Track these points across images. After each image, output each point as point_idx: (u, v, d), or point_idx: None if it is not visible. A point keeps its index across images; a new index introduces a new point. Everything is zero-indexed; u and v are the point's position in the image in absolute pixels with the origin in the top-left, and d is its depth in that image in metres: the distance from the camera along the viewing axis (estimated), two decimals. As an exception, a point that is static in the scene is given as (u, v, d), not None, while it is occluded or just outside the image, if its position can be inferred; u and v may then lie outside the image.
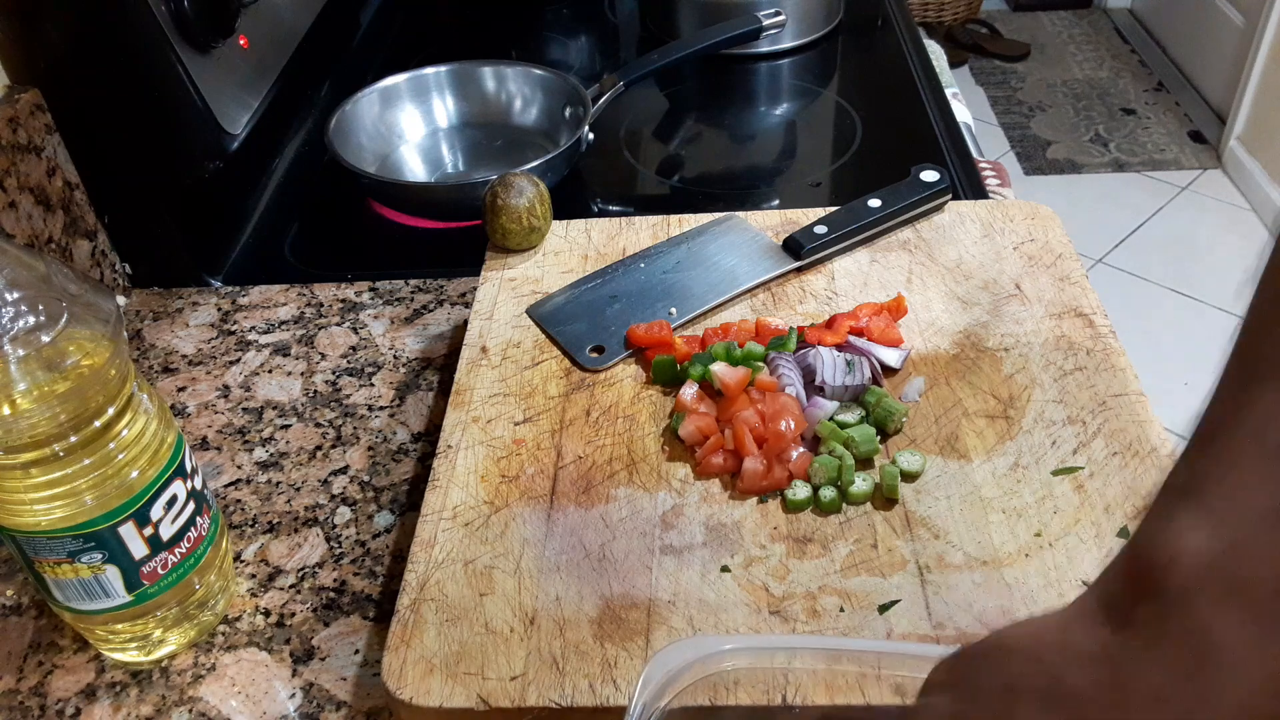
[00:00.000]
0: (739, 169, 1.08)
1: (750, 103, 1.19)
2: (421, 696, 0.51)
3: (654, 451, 0.64)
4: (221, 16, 0.90)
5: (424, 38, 1.32)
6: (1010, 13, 3.64)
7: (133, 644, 0.59)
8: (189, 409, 0.76)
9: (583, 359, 0.71)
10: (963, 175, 0.98)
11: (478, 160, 1.09)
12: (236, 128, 0.94)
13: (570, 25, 1.36)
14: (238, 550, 0.66)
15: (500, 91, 1.10)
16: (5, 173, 0.75)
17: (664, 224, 0.82)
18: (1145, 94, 3.15)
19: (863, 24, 1.30)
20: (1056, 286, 0.74)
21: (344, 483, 0.70)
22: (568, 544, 0.59)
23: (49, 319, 0.48)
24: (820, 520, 0.59)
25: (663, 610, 0.55)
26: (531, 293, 0.77)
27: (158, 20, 0.82)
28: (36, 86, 0.80)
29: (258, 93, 0.98)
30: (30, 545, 0.53)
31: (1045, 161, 2.89)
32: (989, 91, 3.22)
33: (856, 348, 0.68)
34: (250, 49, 0.97)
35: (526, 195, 0.78)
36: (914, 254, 0.78)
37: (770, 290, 0.76)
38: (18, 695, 0.59)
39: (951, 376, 0.67)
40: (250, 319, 0.84)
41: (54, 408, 0.49)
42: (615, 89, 1.03)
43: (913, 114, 1.10)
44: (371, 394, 0.76)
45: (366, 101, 1.05)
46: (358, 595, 0.63)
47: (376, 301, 0.85)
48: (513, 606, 0.56)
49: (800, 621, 0.54)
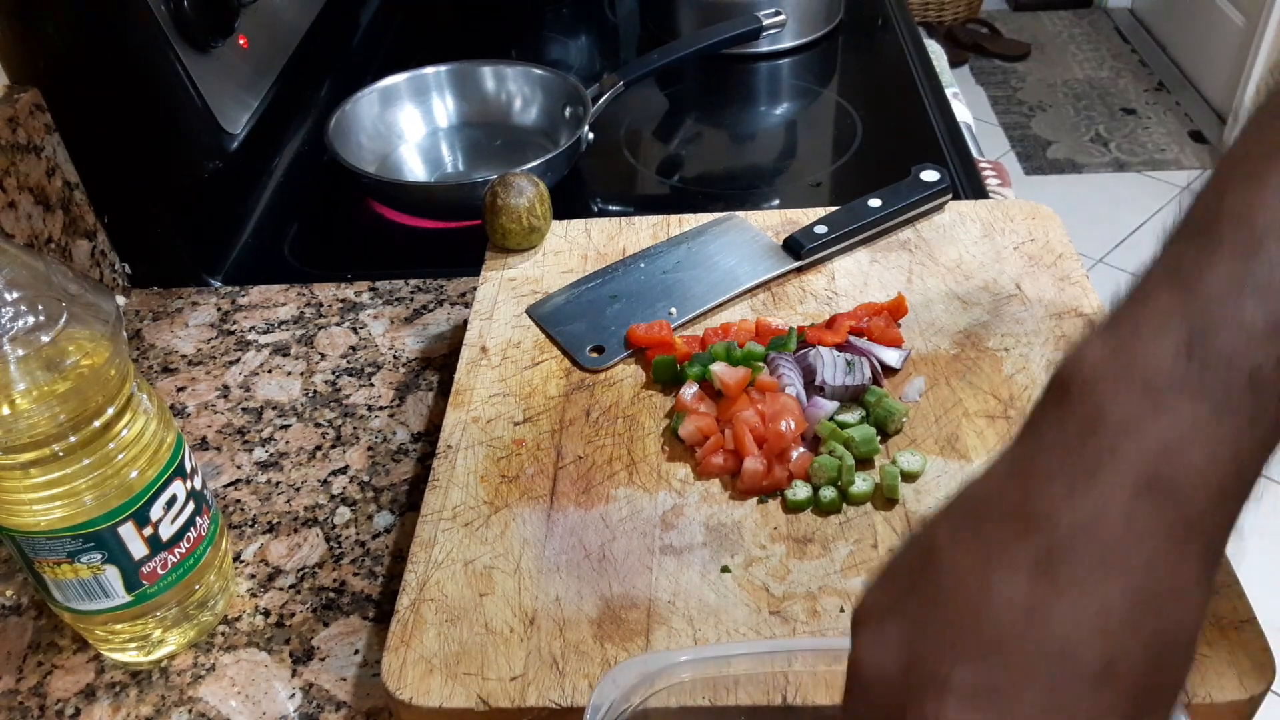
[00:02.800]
0: (739, 169, 1.08)
1: (750, 103, 1.19)
2: (421, 697, 0.51)
3: (654, 451, 0.64)
4: (221, 16, 0.90)
5: (424, 38, 1.32)
6: (1010, 13, 3.64)
7: (132, 644, 0.59)
8: (189, 409, 0.76)
9: (583, 359, 0.70)
10: (963, 175, 0.98)
11: (478, 160, 1.09)
12: (236, 128, 0.93)
13: (570, 25, 1.36)
14: (237, 550, 0.66)
15: (500, 91, 1.10)
16: (5, 173, 0.75)
17: (664, 224, 0.82)
18: (1145, 94, 3.15)
19: (863, 24, 1.29)
20: (1057, 286, 0.73)
21: (344, 483, 0.70)
22: (568, 544, 0.59)
23: (49, 319, 0.48)
24: (820, 520, 0.59)
25: (663, 610, 0.55)
26: (531, 293, 0.77)
27: (158, 20, 0.82)
28: (36, 86, 0.80)
29: (258, 93, 0.98)
30: (30, 545, 0.53)
31: (1045, 161, 2.89)
32: (989, 91, 3.22)
33: (856, 348, 0.68)
34: (250, 49, 0.97)
35: (526, 195, 0.78)
36: (914, 254, 0.78)
37: (770, 290, 0.76)
38: (17, 695, 0.59)
39: (951, 376, 0.67)
40: (250, 319, 0.84)
41: (54, 408, 0.49)
42: (615, 89, 1.03)
43: (913, 114, 1.10)
44: (371, 394, 0.76)
45: (366, 101, 1.05)
46: (357, 595, 0.63)
47: (376, 301, 0.85)
48: (513, 607, 0.55)
49: (800, 622, 0.54)
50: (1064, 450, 0.33)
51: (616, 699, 0.45)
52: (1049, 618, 0.31)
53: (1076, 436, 0.33)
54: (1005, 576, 0.32)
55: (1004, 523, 0.33)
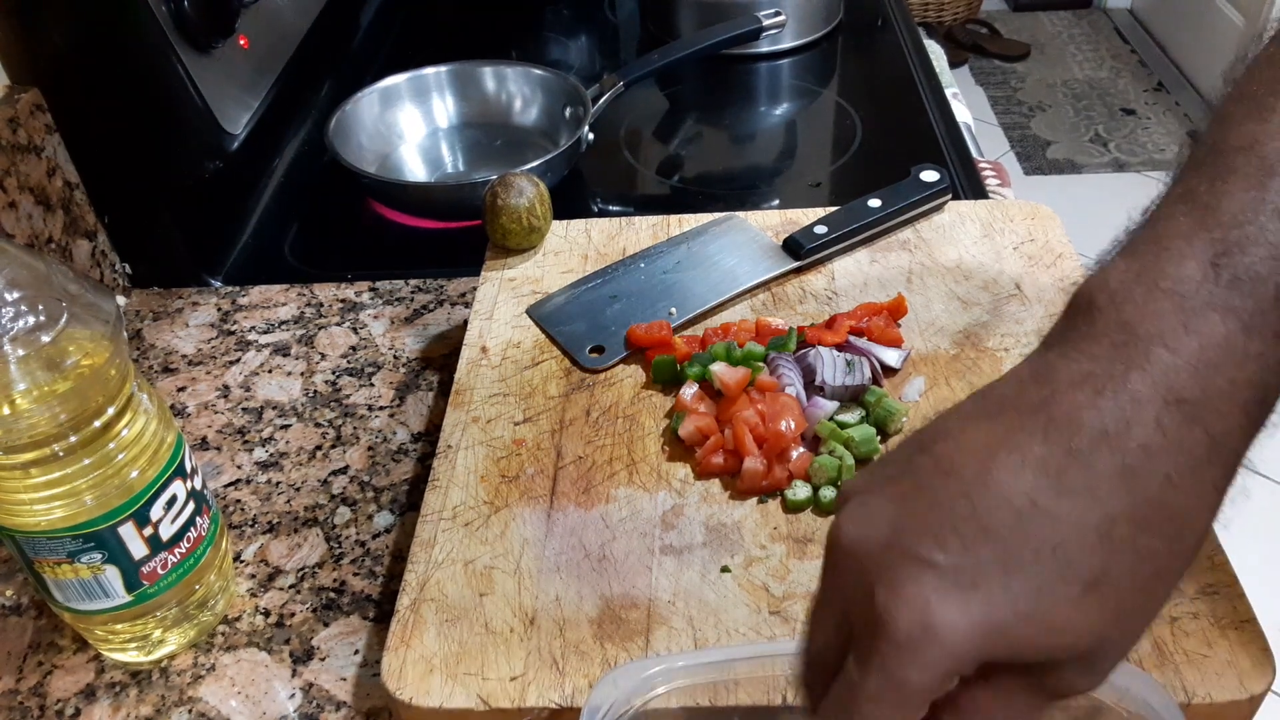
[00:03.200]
0: (739, 169, 1.08)
1: (750, 103, 1.19)
2: (421, 697, 0.51)
3: (654, 451, 0.64)
4: (221, 16, 0.90)
5: (424, 38, 1.32)
6: (1010, 13, 3.64)
7: (132, 644, 0.59)
8: (189, 409, 0.76)
9: (583, 359, 0.70)
10: (963, 175, 0.98)
11: (478, 160, 1.09)
12: (236, 128, 0.93)
13: (570, 25, 1.36)
14: (237, 550, 0.66)
15: (500, 91, 1.10)
16: (5, 173, 0.75)
17: (664, 224, 0.82)
18: (1145, 94, 3.15)
19: (863, 24, 1.30)
20: (1056, 287, 0.73)
21: (344, 483, 0.70)
22: (568, 544, 0.59)
23: (49, 319, 0.48)
24: (820, 520, 0.59)
25: (663, 610, 0.55)
26: (531, 293, 0.77)
27: (158, 20, 0.82)
28: (36, 86, 0.80)
29: (258, 93, 0.98)
30: (30, 545, 0.53)
31: (1045, 161, 2.89)
32: (989, 91, 3.22)
33: (856, 348, 0.68)
34: (250, 49, 0.97)
35: (526, 195, 0.78)
36: (914, 254, 0.78)
37: (770, 290, 0.76)
38: (17, 695, 0.59)
39: (951, 376, 0.67)
40: (250, 319, 0.84)
41: (54, 408, 0.49)
42: (615, 89, 1.03)
43: (913, 114, 1.10)
44: (371, 394, 0.76)
45: (366, 101, 1.05)
46: (357, 595, 0.63)
47: (376, 301, 0.85)
48: (513, 606, 0.55)
49: (800, 622, 0.54)
50: (1091, 359, 0.32)
51: (617, 699, 0.45)
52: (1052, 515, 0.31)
53: (1106, 347, 0.32)
54: (1011, 468, 0.31)
55: (1020, 418, 0.32)
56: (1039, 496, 0.31)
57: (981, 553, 0.31)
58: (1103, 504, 0.31)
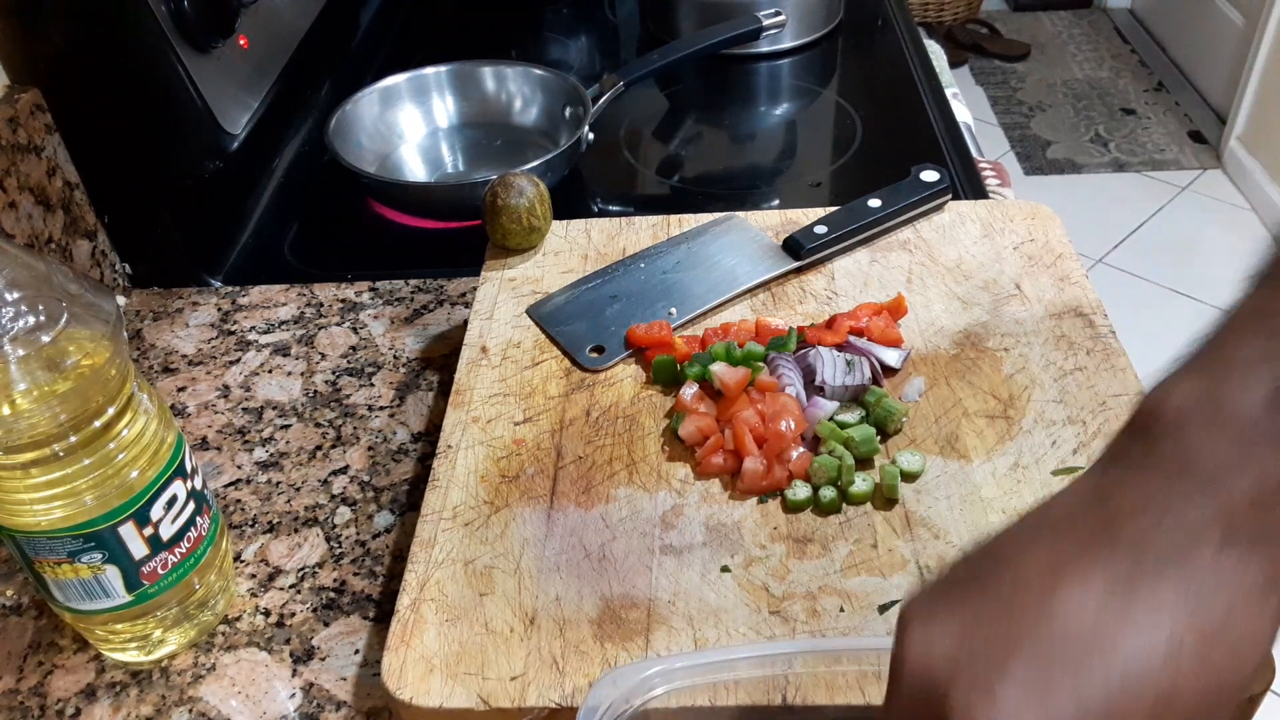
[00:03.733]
0: (739, 169, 1.08)
1: (750, 103, 1.19)
2: (421, 696, 0.51)
3: (654, 451, 0.64)
4: (221, 16, 0.90)
5: (424, 38, 1.32)
6: (1010, 13, 3.64)
7: (133, 644, 0.59)
8: (189, 409, 0.76)
9: (583, 359, 0.71)
10: (963, 175, 0.98)
11: (478, 160, 1.09)
12: (236, 128, 0.94)
13: (570, 25, 1.36)
14: (238, 550, 0.66)
15: (500, 91, 1.10)
16: (5, 173, 0.75)
17: (664, 224, 0.82)
18: (1145, 94, 3.15)
19: (863, 24, 1.30)
20: (1056, 286, 0.73)
21: (344, 483, 0.70)
22: (568, 544, 0.59)
23: (49, 319, 0.48)
24: (820, 520, 0.59)
25: (663, 610, 0.55)
26: (531, 293, 0.77)
27: (158, 20, 0.82)
28: (36, 86, 0.80)
29: (258, 93, 0.98)
30: (30, 545, 0.53)
31: (1045, 161, 2.89)
32: (989, 91, 3.22)
33: (856, 348, 0.68)
34: (250, 49, 0.97)
35: (526, 195, 0.78)
36: (914, 254, 0.78)
37: (770, 290, 0.76)
38: (18, 695, 0.59)
39: (951, 376, 0.67)
40: (250, 319, 0.84)
41: (54, 408, 0.49)
42: (615, 89, 1.03)
43: (913, 114, 1.10)
44: (371, 394, 0.76)
45: (366, 101, 1.05)
46: (358, 595, 0.63)
47: (376, 301, 0.85)
48: (513, 606, 0.56)
49: (800, 622, 0.54)
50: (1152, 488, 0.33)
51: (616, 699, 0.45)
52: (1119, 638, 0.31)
53: (1164, 476, 0.33)
54: (1077, 589, 0.32)
55: (1084, 540, 0.33)
56: (1107, 618, 0.31)
57: (1054, 675, 0.31)
58: (1168, 628, 0.31)
